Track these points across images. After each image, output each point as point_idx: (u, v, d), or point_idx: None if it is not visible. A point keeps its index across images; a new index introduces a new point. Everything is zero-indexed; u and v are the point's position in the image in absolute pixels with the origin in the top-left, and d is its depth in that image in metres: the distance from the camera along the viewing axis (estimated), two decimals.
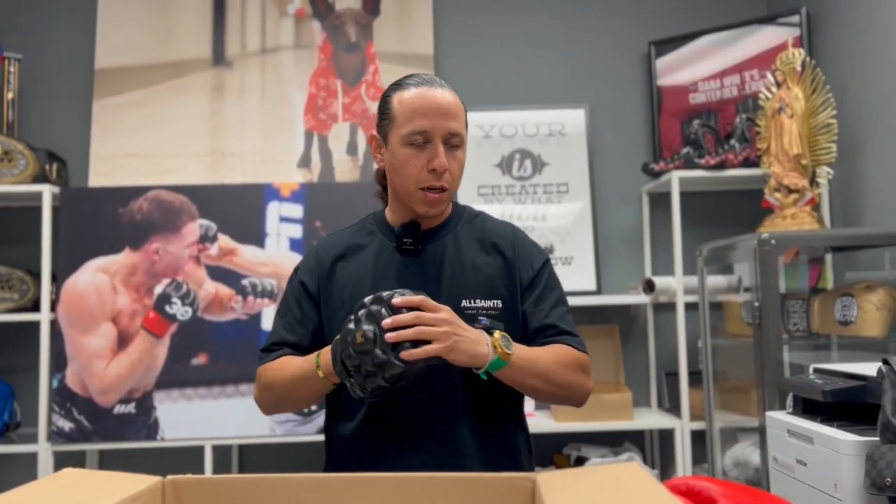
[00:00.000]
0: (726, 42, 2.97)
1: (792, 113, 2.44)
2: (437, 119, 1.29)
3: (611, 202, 3.07)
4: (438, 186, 1.29)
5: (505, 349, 1.20)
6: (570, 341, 1.34)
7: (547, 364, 1.27)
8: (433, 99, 1.30)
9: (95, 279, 2.61)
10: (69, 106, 3.04)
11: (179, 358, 2.60)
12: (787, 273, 2.66)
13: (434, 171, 1.28)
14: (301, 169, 2.98)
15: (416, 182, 1.30)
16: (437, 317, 1.15)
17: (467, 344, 1.16)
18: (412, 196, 1.31)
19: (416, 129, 1.29)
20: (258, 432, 2.58)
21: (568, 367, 1.30)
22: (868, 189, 2.47)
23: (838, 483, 1.59)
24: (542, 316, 1.35)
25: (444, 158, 1.28)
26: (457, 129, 1.31)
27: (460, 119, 1.32)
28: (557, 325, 1.35)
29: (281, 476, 0.81)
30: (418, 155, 1.29)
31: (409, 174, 1.30)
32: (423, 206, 1.31)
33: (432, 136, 1.29)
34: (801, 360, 2.35)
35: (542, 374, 1.26)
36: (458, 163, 1.32)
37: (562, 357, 1.30)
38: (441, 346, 1.13)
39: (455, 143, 1.31)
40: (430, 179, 1.29)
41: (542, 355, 1.28)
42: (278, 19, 3.08)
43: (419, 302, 1.16)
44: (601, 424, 2.63)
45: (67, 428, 2.56)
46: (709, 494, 0.75)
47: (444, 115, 1.29)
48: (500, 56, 3.13)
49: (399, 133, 1.31)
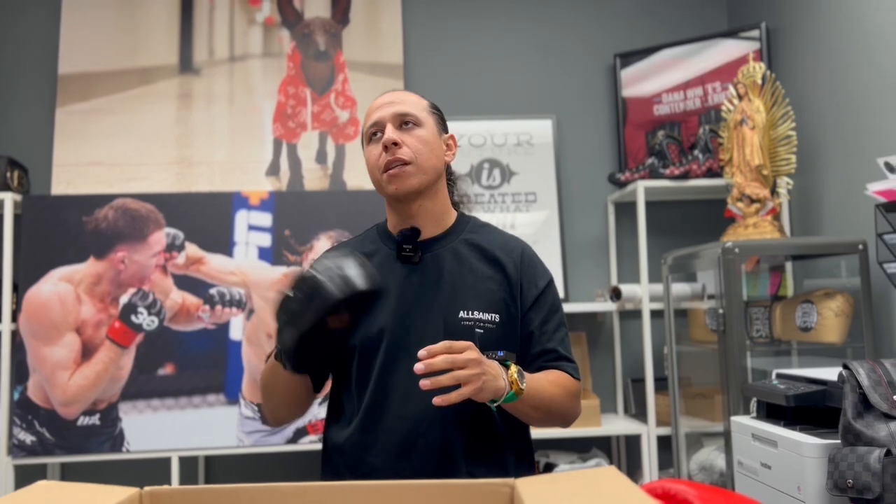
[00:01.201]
0: (689, 55, 3.04)
1: (753, 125, 2.50)
2: (385, 109, 1.36)
3: (577, 211, 3.11)
4: (396, 160, 1.32)
5: (520, 385, 1.21)
6: (569, 368, 1.36)
7: (552, 396, 1.29)
8: (385, 96, 1.40)
9: (59, 288, 2.56)
10: (31, 112, 2.98)
11: (145, 368, 2.56)
12: (748, 281, 2.72)
13: (386, 149, 1.33)
14: (270, 177, 2.97)
15: (378, 168, 1.34)
16: (466, 358, 1.14)
17: (491, 382, 1.17)
18: (381, 182, 1.35)
19: (370, 123, 1.37)
20: (226, 443, 2.55)
21: (567, 397, 1.33)
22: (826, 199, 2.54)
23: (801, 485, 1.64)
24: (545, 339, 1.36)
25: (392, 133, 1.33)
26: (405, 110, 1.36)
27: (412, 104, 1.38)
28: (558, 350, 1.36)
29: (262, 485, 0.81)
30: (377, 145, 1.35)
31: (373, 164, 1.36)
32: (391, 185, 1.33)
33: (383, 125, 1.35)
34: (764, 365, 2.41)
35: (545, 406, 1.29)
36: (416, 138, 1.35)
37: (563, 387, 1.33)
38: (472, 389, 1.13)
39: (408, 122, 1.36)
40: (386, 157, 1.33)
41: (547, 387, 1.29)
42: (246, 27, 3.07)
43: (445, 347, 1.14)
44: (569, 431, 2.66)
45: (29, 441, 2.50)
46: (684, 497, 0.77)
47: (392, 104, 1.36)
48: (469, 66, 3.16)
49: (365, 139, 1.39)
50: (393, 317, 1.31)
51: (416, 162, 1.33)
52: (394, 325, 1.31)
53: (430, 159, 1.35)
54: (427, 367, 1.12)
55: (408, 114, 1.35)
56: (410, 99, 1.39)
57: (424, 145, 1.35)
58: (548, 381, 1.30)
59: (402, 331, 1.30)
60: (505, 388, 1.19)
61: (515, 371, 1.21)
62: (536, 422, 1.33)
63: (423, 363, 1.12)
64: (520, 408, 1.25)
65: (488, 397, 1.17)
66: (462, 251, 1.38)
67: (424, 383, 1.12)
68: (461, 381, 1.13)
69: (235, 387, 2.58)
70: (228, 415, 2.56)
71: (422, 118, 1.37)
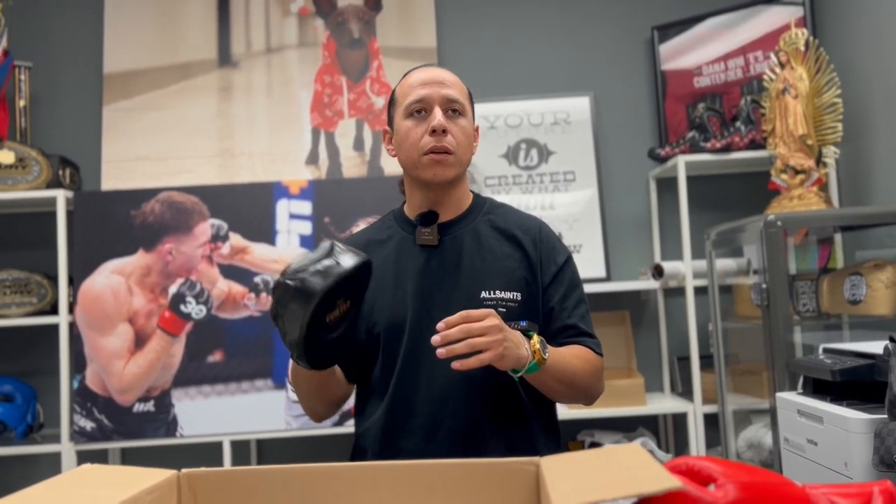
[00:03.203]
0: (730, 24, 2.96)
1: (796, 93, 2.43)
2: (433, 87, 1.32)
3: (618, 189, 3.07)
4: (441, 147, 1.30)
5: (542, 355, 1.21)
6: (591, 343, 1.36)
7: (575, 369, 1.29)
8: (429, 72, 1.35)
9: (111, 281, 2.66)
10: (79, 111, 3.08)
11: (195, 356, 2.64)
12: (797, 254, 2.66)
13: (434, 133, 1.30)
14: (309, 166, 3.01)
15: (419, 149, 1.31)
16: (486, 325, 1.13)
17: (513, 349, 1.17)
18: (418, 164, 1.32)
19: (414, 98, 1.32)
20: (275, 426, 2.62)
21: (591, 372, 1.33)
22: (876, 167, 2.46)
23: (848, 461, 1.60)
24: (565, 315, 1.36)
25: (444, 119, 1.30)
26: (454, 96, 1.33)
27: (459, 90, 1.35)
28: (579, 326, 1.36)
29: (294, 466, 0.83)
30: (419, 124, 1.32)
31: (412, 142, 1.32)
32: (430, 170, 1.31)
33: (430, 104, 1.32)
34: (813, 340, 2.36)
35: (569, 379, 1.28)
36: (461, 130, 1.33)
37: (587, 361, 1.32)
38: (493, 354, 1.13)
39: (456, 110, 1.33)
40: (431, 142, 1.30)
41: (570, 360, 1.29)
42: (282, 18, 3.10)
43: (462, 318, 1.14)
44: (614, 410, 2.65)
45: (89, 427, 2.61)
46: (708, 473, 0.76)
47: (441, 84, 1.33)
48: (502, 46, 3.14)
49: (401, 110, 1.35)
50: (414, 301, 1.33)
51: (457, 153, 1.33)
52: (416, 309, 1.32)
53: (467, 152, 1.35)
54: (443, 338, 1.13)
55: (457, 100, 1.33)
56: (457, 83, 1.36)
57: (466, 137, 1.34)
58: (571, 354, 1.30)
59: (425, 314, 1.31)
60: (527, 358, 1.19)
61: (538, 341, 1.21)
62: (560, 396, 1.33)
63: (440, 335, 1.13)
64: (543, 379, 1.25)
65: (510, 365, 1.17)
66: (481, 232, 1.38)
67: (441, 352, 1.13)
68: (480, 348, 1.13)
69: (282, 372, 2.64)
70: (276, 399, 2.63)
71: (466, 107, 1.36)
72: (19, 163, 2.70)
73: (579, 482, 0.71)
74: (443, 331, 1.13)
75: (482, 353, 1.13)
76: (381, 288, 1.31)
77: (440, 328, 1.13)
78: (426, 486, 0.81)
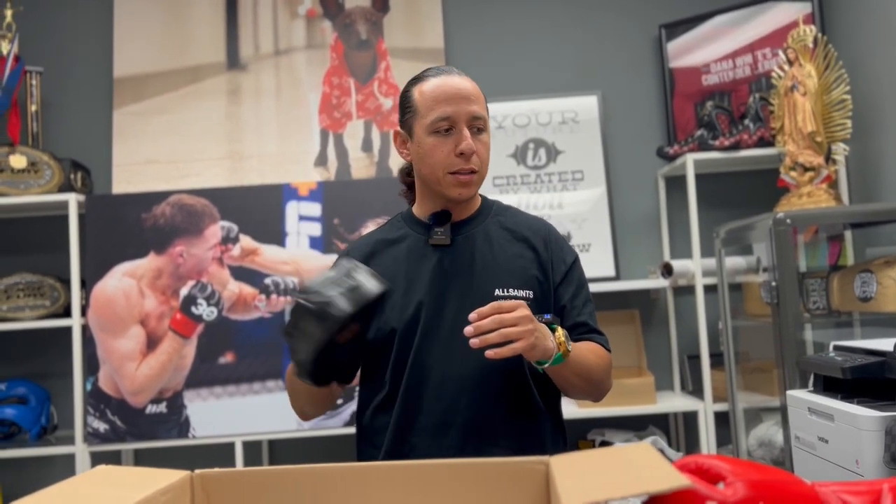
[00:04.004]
0: (738, 22, 2.95)
1: (805, 90, 2.42)
2: (459, 104, 1.31)
3: (626, 187, 3.07)
4: (468, 169, 1.32)
5: (567, 347, 1.23)
6: (601, 340, 1.40)
7: (590, 364, 1.32)
8: (453, 85, 1.33)
9: (123, 283, 2.68)
10: (90, 115, 3.10)
11: (207, 357, 2.66)
12: (807, 252, 2.65)
13: (462, 155, 1.31)
14: (318, 168, 3.02)
15: (444, 167, 1.32)
16: (517, 315, 1.15)
17: (542, 340, 1.18)
18: (443, 182, 1.33)
19: (440, 115, 1.31)
20: (286, 427, 2.63)
21: (602, 368, 1.36)
22: (885, 163, 2.45)
23: (859, 459, 1.60)
24: (575, 313, 1.39)
25: (471, 141, 1.30)
26: (479, 112, 1.33)
27: (482, 104, 1.35)
28: (588, 324, 1.40)
29: (305, 466, 0.84)
30: (445, 141, 1.31)
31: (438, 161, 1.32)
32: (455, 190, 1.33)
33: (457, 122, 1.31)
34: (823, 338, 2.35)
35: (586, 373, 1.31)
36: (484, 146, 1.34)
37: (599, 357, 1.36)
38: (525, 344, 1.14)
39: (479, 127, 1.33)
40: (459, 163, 1.31)
41: (587, 355, 1.32)
42: (290, 21, 3.11)
43: (495, 308, 1.15)
44: (625, 409, 2.65)
45: (102, 429, 2.63)
46: (717, 471, 0.77)
47: (466, 100, 1.32)
48: (510, 46, 3.14)
49: (424, 123, 1.33)
50: (428, 299, 1.34)
51: (481, 171, 1.35)
52: (429, 308, 1.33)
53: (487, 166, 1.37)
54: (476, 328, 1.14)
55: (480, 117, 1.33)
56: (478, 94, 1.35)
57: (488, 153, 1.36)
58: (587, 349, 1.34)
59: (438, 313, 1.33)
60: (553, 349, 1.20)
61: (563, 333, 1.23)
62: (576, 390, 1.35)
63: (472, 325, 1.14)
64: (564, 373, 1.27)
65: (539, 356, 1.19)
66: (492, 232, 1.40)
67: (474, 342, 1.13)
68: (512, 338, 1.14)
69: None
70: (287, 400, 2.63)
71: (487, 121, 1.36)
72: (31, 167, 2.73)
73: (589, 480, 0.71)
74: (475, 321, 1.14)
75: (514, 343, 1.14)
76: (393, 287, 1.32)
77: (472, 318, 1.15)
78: (436, 485, 0.82)
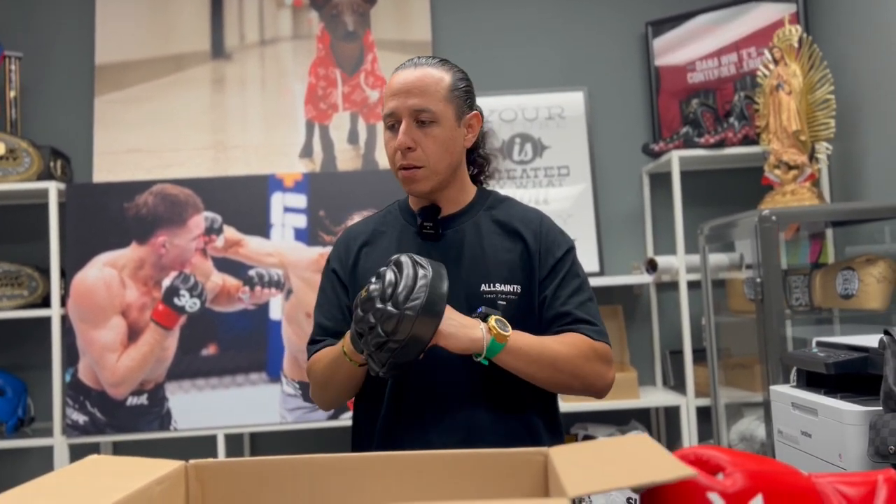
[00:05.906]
0: (723, 20, 2.97)
1: (790, 89, 2.45)
2: (400, 98, 1.30)
3: (612, 184, 3.08)
4: (407, 164, 1.31)
5: (501, 330, 1.19)
6: (586, 330, 1.32)
7: (555, 353, 1.25)
8: (399, 79, 1.32)
9: (104, 274, 2.64)
10: (71, 102, 3.05)
11: (189, 349, 2.63)
12: (788, 249, 2.68)
13: (398, 151, 1.31)
14: (303, 159, 3.00)
15: (393, 163, 1.34)
16: None
17: (456, 328, 1.17)
18: (397, 176, 1.35)
19: (386, 111, 1.33)
20: (269, 420, 2.61)
21: (581, 356, 1.28)
22: (867, 163, 2.48)
23: (843, 453, 1.62)
24: (558, 304, 1.33)
25: (404, 136, 1.29)
26: (422, 105, 1.29)
27: (430, 94, 1.30)
28: (573, 314, 1.32)
29: (301, 457, 0.83)
30: (393, 137, 1.33)
31: (389, 156, 1.35)
32: (405, 185, 1.34)
33: (399, 116, 1.31)
34: (804, 334, 2.38)
35: (549, 363, 1.25)
36: (431, 139, 1.30)
37: (574, 346, 1.28)
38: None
39: (424, 120, 1.30)
40: (401, 159, 1.32)
41: (549, 344, 1.26)
42: (276, 10, 3.08)
43: None
44: (607, 403, 2.66)
45: (81, 421, 2.59)
46: (717, 462, 0.77)
47: (407, 94, 1.30)
48: (498, 41, 3.14)
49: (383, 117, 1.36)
50: None
51: (429, 165, 1.31)
52: None
53: (443, 159, 1.32)
54: None
55: (424, 109, 1.29)
56: (429, 86, 1.31)
57: (438, 146, 1.31)
58: (553, 339, 1.28)
59: None
60: (484, 338, 1.18)
61: (495, 319, 1.21)
62: (549, 383, 1.29)
63: None
64: (516, 364, 1.24)
65: (460, 345, 1.18)
66: (482, 225, 1.39)
67: None
68: None
69: (277, 365, 2.64)
70: (271, 392, 2.62)
71: (438, 112, 1.30)
72: (10, 154, 2.68)
73: (592, 471, 0.71)
74: None
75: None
76: None
77: None
78: (435, 476, 0.82)
